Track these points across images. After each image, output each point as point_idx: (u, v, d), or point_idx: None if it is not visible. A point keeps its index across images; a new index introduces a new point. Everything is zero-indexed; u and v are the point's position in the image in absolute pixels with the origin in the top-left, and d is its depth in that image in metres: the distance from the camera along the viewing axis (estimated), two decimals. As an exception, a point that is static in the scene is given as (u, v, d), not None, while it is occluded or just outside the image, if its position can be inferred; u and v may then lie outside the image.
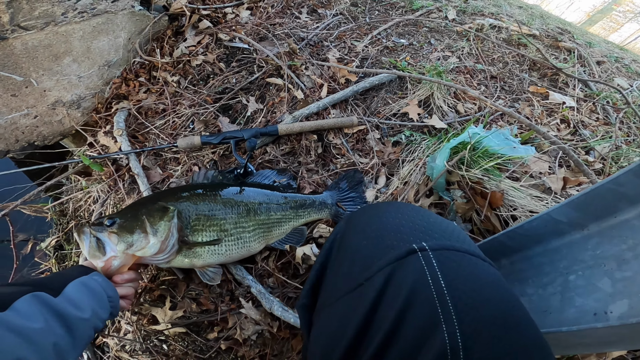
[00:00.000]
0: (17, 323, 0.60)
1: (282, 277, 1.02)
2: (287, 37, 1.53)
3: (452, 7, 2.02)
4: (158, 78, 1.31)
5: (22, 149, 1.26)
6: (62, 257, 1.24)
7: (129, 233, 0.80)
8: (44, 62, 1.13)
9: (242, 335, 1.01)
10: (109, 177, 1.09)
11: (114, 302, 0.80)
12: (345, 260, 0.54)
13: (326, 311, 0.53)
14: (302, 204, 1.03)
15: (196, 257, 0.90)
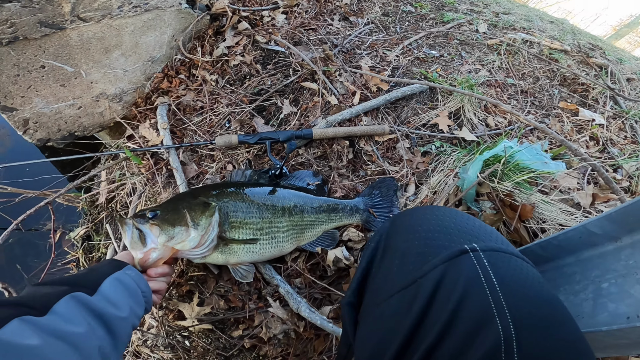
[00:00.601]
0: (61, 328, 0.57)
1: (311, 277, 1.04)
2: (321, 42, 1.56)
3: (483, 21, 2.03)
4: (197, 76, 1.35)
5: (62, 138, 1.31)
6: (90, 248, 1.26)
7: (170, 226, 0.82)
8: (95, 55, 1.18)
9: (268, 334, 1.02)
10: (148, 170, 1.12)
11: (147, 297, 0.80)
12: (395, 259, 0.57)
13: (377, 309, 0.55)
14: (335, 208, 1.05)
15: (231, 254, 0.93)
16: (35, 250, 1.39)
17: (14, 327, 0.51)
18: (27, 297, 0.61)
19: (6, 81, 1.08)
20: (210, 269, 1.05)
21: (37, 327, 0.54)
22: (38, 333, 0.53)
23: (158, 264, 0.84)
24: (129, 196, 1.19)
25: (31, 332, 0.52)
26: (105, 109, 1.30)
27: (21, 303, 0.57)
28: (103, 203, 1.25)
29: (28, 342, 0.50)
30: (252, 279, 0.97)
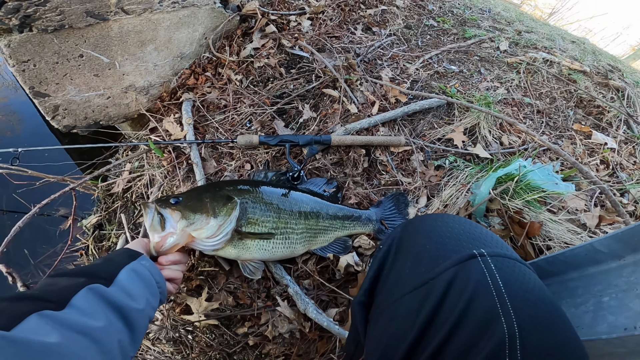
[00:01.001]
0: (80, 322, 0.56)
1: (320, 279, 1.07)
2: (344, 51, 1.60)
3: (504, 39, 2.05)
4: (223, 75, 1.39)
5: (87, 126, 1.36)
6: (101, 237, 1.28)
7: (192, 212, 0.86)
8: (130, 47, 1.22)
9: (273, 333, 1.05)
10: (169, 163, 1.16)
11: (162, 287, 0.80)
12: (407, 261, 0.61)
13: (389, 308, 0.59)
14: (349, 217, 1.09)
15: (244, 249, 0.95)
16: (44, 235, 1.39)
17: (32, 324, 0.50)
18: (45, 291, 0.59)
19: (44, 68, 1.13)
20: (222, 265, 1.07)
21: (56, 323, 0.53)
22: (57, 329, 0.52)
23: (172, 250, 0.86)
24: (146, 187, 1.22)
25: (50, 328, 0.51)
26: (131, 101, 1.35)
27: (39, 297, 0.56)
28: (119, 193, 1.27)
29: (47, 339, 0.49)
30: (260, 276, 1.00)
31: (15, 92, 2.01)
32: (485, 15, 2.35)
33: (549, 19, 7.04)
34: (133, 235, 1.17)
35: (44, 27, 1.07)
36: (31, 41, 1.08)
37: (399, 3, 2.10)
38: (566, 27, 6.23)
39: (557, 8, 7.65)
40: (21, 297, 0.55)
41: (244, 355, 1.07)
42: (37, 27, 1.06)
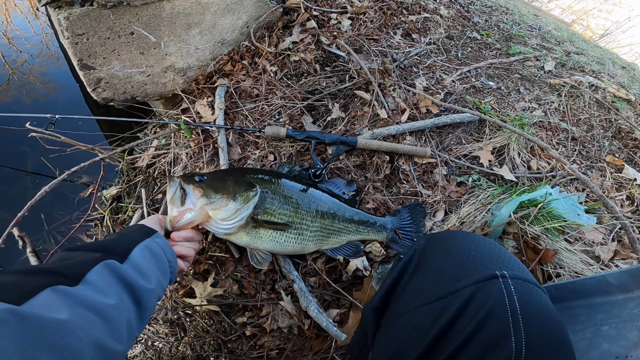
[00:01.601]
0: (93, 299, 0.55)
1: (326, 279, 1.08)
2: (381, 54, 1.59)
3: (551, 59, 1.98)
4: (258, 65, 1.41)
5: (124, 100, 1.41)
6: (117, 209, 1.30)
7: (213, 192, 0.88)
8: (177, 29, 1.26)
9: (272, 326, 1.06)
10: (196, 144, 1.20)
11: (173, 267, 0.79)
12: (428, 273, 0.63)
13: (402, 317, 0.61)
14: (365, 222, 1.09)
15: (256, 237, 0.97)
16: (63, 201, 1.40)
17: (44, 298, 0.49)
18: (60, 265, 0.58)
19: (96, 42, 1.18)
20: (232, 251, 1.09)
21: (68, 298, 0.52)
22: (69, 304, 0.51)
23: (187, 227, 0.87)
24: (169, 165, 1.26)
25: (62, 304, 0.50)
26: (169, 81, 1.39)
27: (54, 271, 0.55)
28: (142, 167, 1.31)
29: (57, 315, 0.47)
30: (266, 267, 1.01)
31: (56, 62, 2.09)
32: (534, 33, 2.27)
33: (600, 41, 6.73)
34: (150, 211, 1.20)
35: (104, 3, 1.11)
36: (89, 15, 1.13)
37: (443, 12, 2.07)
38: (617, 50, 5.94)
39: (610, 30, 7.29)
40: (36, 271, 0.54)
41: (239, 344, 1.08)
42: (98, 2, 1.11)
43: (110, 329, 0.55)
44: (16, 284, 0.49)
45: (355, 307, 1.10)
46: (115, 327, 0.57)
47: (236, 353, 1.08)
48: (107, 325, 0.55)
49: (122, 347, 0.58)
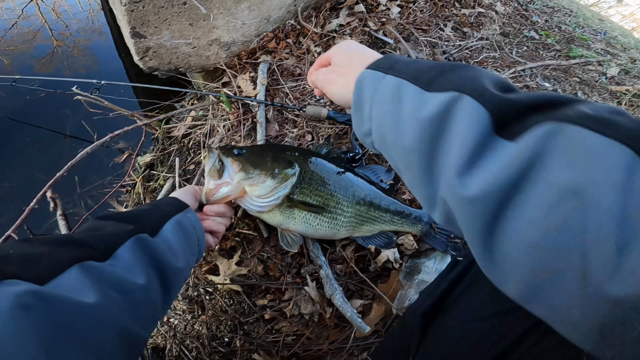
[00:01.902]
0: (122, 278, 0.50)
1: (354, 267, 1.03)
2: (430, 45, 1.52)
3: (615, 65, 1.83)
4: (303, 44, 1.38)
5: (168, 70, 1.41)
6: (149, 177, 1.30)
7: (252, 167, 0.85)
8: (228, 2, 1.25)
9: (293, 311, 1.02)
10: (235, 117, 1.18)
11: (201, 246, 0.75)
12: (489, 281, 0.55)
13: (459, 328, 0.53)
14: (400, 213, 1.03)
15: (290, 217, 0.93)
16: (97, 166, 1.41)
17: (72, 277, 0.44)
18: (91, 236, 0.53)
19: (150, 10, 1.19)
20: (261, 230, 1.06)
21: (97, 277, 0.47)
22: (97, 285, 0.46)
23: (221, 201, 0.85)
24: (205, 137, 1.25)
25: (90, 284, 0.45)
26: (212, 54, 1.39)
27: (85, 243, 0.51)
28: (178, 137, 1.31)
29: (84, 299, 0.43)
30: (296, 250, 0.98)
31: (99, 37, 2.15)
32: (598, 37, 2.11)
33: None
34: (181, 181, 1.19)
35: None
36: (149, -18, 1.12)
37: (499, 9, 1.96)
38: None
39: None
40: (66, 241, 0.49)
41: (255, 327, 1.05)
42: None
43: (137, 313, 0.50)
44: (43, 257, 0.44)
45: (379, 300, 1.05)
46: (142, 312, 0.52)
47: (251, 335, 1.05)
48: (134, 310, 0.50)
49: (146, 334, 0.52)
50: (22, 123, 1.59)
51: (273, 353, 1.01)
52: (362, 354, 1.02)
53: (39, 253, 0.45)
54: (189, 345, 1.06)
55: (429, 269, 1.05)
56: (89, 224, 0.59)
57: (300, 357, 1.02)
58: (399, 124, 0.43)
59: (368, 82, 0.48)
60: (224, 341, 1.06)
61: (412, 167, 0.42)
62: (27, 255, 0.44)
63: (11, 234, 0.92)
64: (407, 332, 0.64)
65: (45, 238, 0.49)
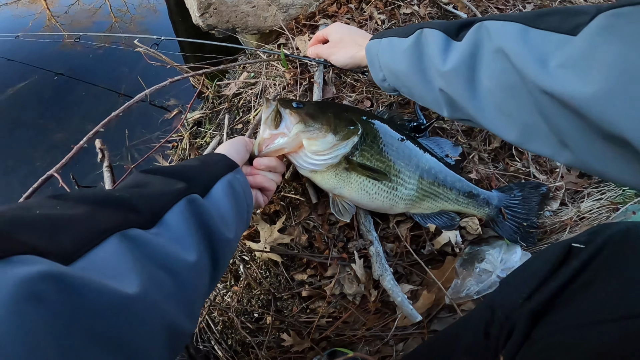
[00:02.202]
0: (171, 253, 0.40)
1: (409, 247, 0.94)
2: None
3: None
4: (365, 11, 1.29)
5: (225, 29, 1.38)
6: (196, 134, 1.27)
7: (311, 120, 0.78)
8: (289, -39, 1.19)
9: (334, 290, 0.93)
10: (292, 76, 1.11)
11: (249, 213, 0.65)
12: (618, 277, 0.45)
13: (572, 332, 0.44)
14: (467, 192, 0.93)
15: (345, 181, 0.85)
16: (147, 121, 1.43)
17: (110, 253, 0.34)
18: (136, 194, 0.42)
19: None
20: (310, 195, 0.98)
21: (141, 252, 0.37)
22: (141, 264, 0.36)
23: (274, 154, 0.78)
24: (256, 97, 1.19)
25: (132, 263, 0.34)
26: (270, 15, 1.33)
27: (127, 203, 0.40)
28: (229, 96, 1.26)
29: (124, 287, 0.32)
30: (348, 220, 0.89)
31: (154, 14, 2.18)
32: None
33: None
34: (229, 139, 1.13)
35: None
36: None
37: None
38: None
39: None
40: (106, 200, 0.39)
41: (289, 304, 0.98)
42: None
43: (185, 300, 0.40)
44: (76, 223, 0.34)
45: (429, 287, 0.95)
46: (190, 297, 0.41)
47: (283, 313, 0.97)
48: (182, 295, 0.40)
49: (192, 327, 0.43)
50: (81, 80, 1.64)
51: (304, 334, 0.93)
52: (397, 345, 0.93)
53: (70, 216, 0.34)
54: (215, 318, 1.00)
55: (493, 258, 0.94)
56: (133, 178, 0.50)
57: (332, 341, 0.94)
58: (396, 60, 0.68)
59: (372, 48, 0.75)
60: (253, 317, 0.99)
61: (416, 83, 0.65)
62: (55, 218, 0.33)
63: (54, 173, 0.84)
64: (496, 331, 0.54)
65: (80, 194, 0.39)
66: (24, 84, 1.62)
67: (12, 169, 1.42)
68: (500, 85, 0.49)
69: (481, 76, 0.51)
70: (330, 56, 0.91)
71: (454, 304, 0.92)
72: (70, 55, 1.75)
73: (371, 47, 0.76)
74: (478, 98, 0.53)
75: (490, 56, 0.49)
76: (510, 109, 0.49)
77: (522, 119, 0.48)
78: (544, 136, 0.47)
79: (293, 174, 0.98)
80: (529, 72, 0.42)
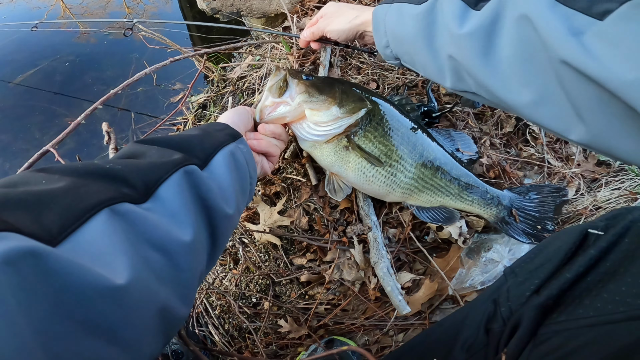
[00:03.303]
0: (165, 230, 0.36)
1: (411, 233, 0.90)
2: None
3: None
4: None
5: (229, 13, 1.36)
6: (201, 117, 1.27)
7: (317, 91, 0.75)
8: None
9: (333, 275, 0.90)
10: (296, 59, 1.08)
11: (253, 185, 0.61)
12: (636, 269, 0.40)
13: (585, 331, 0.40)
14: (472, 187, 0.87)
15: (343, 160, 0.81)
16: (154, 105, 1.45)
17: (98, 231, 0.31)
18: (128, 166, 0.39)
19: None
20: (310, 177, 0.95)
21: (132, 229, 0.34)
22: (132, 242, 0.33)
23: (276, 122, 0.76)
24: (260, 80, 1.16)
25: (122, 243, 0.32)
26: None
27: (118, 176, 0.37)
28: (233, 79, 1.24)
29: (112, 275, 0.29)
30: (341, 199, 0.86)
31: (165, 5, 2.19)
32: None
33: None
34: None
35: None
36: None
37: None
38: None
39: None
40: (95, 173, 0.36)
41: (288, 289, 0.95)
42: None
43: (180, 281, 0.37)
44: (61, 197, 0.31)
45: (432, 276, 0.91)
46: (186, 279, 0.38)
47: (281, 299, 0.95)
48: (177, 276, 0.37)
49: (187, 310, 0.39)
50: (91, 64, 1.67)
51: (301, 321, 0.91)
52: (397, 335, 0.89)
53: (55, 191, 0.31)
54: (213, 302, 0.99)
55: (501, 247, 0.89)
56: (128, 149, 0.46)
57: (329, 329, 0.91)
58: (404, 24, 0.63)
59: (380, 11, 0.70)
60: (251, 301, 0.97)
61: (420, 49, 0.61)
62: (40, 195, 0.30)
63: (50, 148, 0.80)
64: (497, 326, 0.49)
65: (68, 167, 0.36)
66: (34, 70, 1.64)
67: (25, 150, 1.45)
68: (520, 53, 0.46)
69: (501, 42, 0.48)
70: (327, 27, 0.84)
71: (457, 295, 0.88)
72: (80, 45, 1.78)
73: (378, 11, 0.72)
74: (492, 64, 0.50)
75: (513, 23, 0.46)
76: (528, 77, 0.46)
77: (539, 87, 0.46)
78: (559, 106, 0.44)
79: (293, 154, 0.95)
80: (558, 42, 0.40)
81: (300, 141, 0.83)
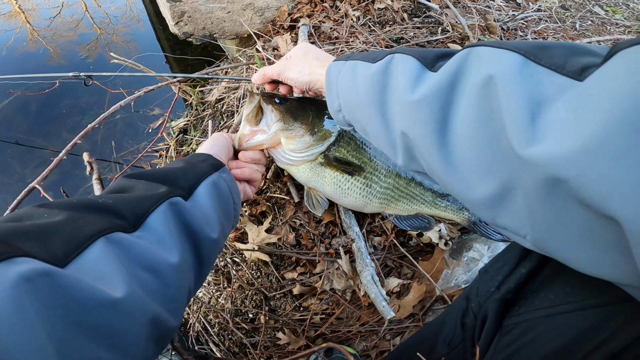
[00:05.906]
0: (154, 254, 0.42)
1: (395, 240, 0.92)
2: (479, 13, 1.39)
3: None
4: (340, 9, 1.30)
5: (202, 36, 1.38)
6: (183, 141, 1.27)
7: (292, 118, 0.77)
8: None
9: (324, 286, 0.92)
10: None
11: (237, 210, 0.64)
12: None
13: (542, 321, 0.43)
14: (445, 195, 0.89)
15: (319, 175, 0.83)
16: (134, 132, 1.44)
17: (97, 256, 0.36)
18: (119, 200, 0.44)
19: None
20: (292, 195, 0.98)
21: (125, 254, 0.39)
22: (126, 264, 0.38)
23: (254, 149, 0.78)
24: (238, 100, 1.18)
25: (118, 266, 0.37)
26: (246, 19, 1.33)
27: (112, 208, 0.42)
28: (212, 102, 1.26)
29: (110, 292, 0.35)
30: (320, 213, 0.88)
31: (137, 24, 2.20)
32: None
33: None
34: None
35: None
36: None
37: (557, -19, 1.79)
38: None
39: None
40: (90, 207, 0.41)
41: (282, 302, 0.96)
42: None
43: (168, 297, 0.43)
44: (64, 228, 0.37)
45: (419, 279, 0.92)
46: (174, 295, 0.43)
47: (277, 312, 0.96)
48: (166, 293, 0.42)
49: (176, 322, 0.44)
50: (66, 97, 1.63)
51: (299, 332, 0.92)
52: (394, 339, 0.90)
53: (57, 223, 0.37)
54: (211, 321, 0.99)
55: (480, 246, 0.92)
56: (117, 183, 0.51)
57: (327, 338, 0.92)
58: (356, 87, 0.53)
59: (334, 69, 0.60)
60: (248, 317, 0.98)
61: (372, 117, 0.50)
62: (45, 226, 0.36)
63: (36, 185, 0.86)
64: (470, 320, 0.52)
65: (65, 202, 0.41)
66: (7, 100, 1.62)
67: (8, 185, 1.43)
68: (479, 130, 0.36)
69: (457, 116, 0.38)
70: (285, 73, 0.74)
71: (444, 294, 0.90)
72: (57, 70, 1.76)
73: (332, 70, 0.60)
74: (447, 147, 0.39)
75: (475, 89, 0.35)
76: (486, 164, 0.36)
77: (498, 182, 0.35)
78: (516, 211, 0.35)
79: (275, 173, 0.97)
80: (512, 119, 0.31)
81: (277, 161, 0.85)
